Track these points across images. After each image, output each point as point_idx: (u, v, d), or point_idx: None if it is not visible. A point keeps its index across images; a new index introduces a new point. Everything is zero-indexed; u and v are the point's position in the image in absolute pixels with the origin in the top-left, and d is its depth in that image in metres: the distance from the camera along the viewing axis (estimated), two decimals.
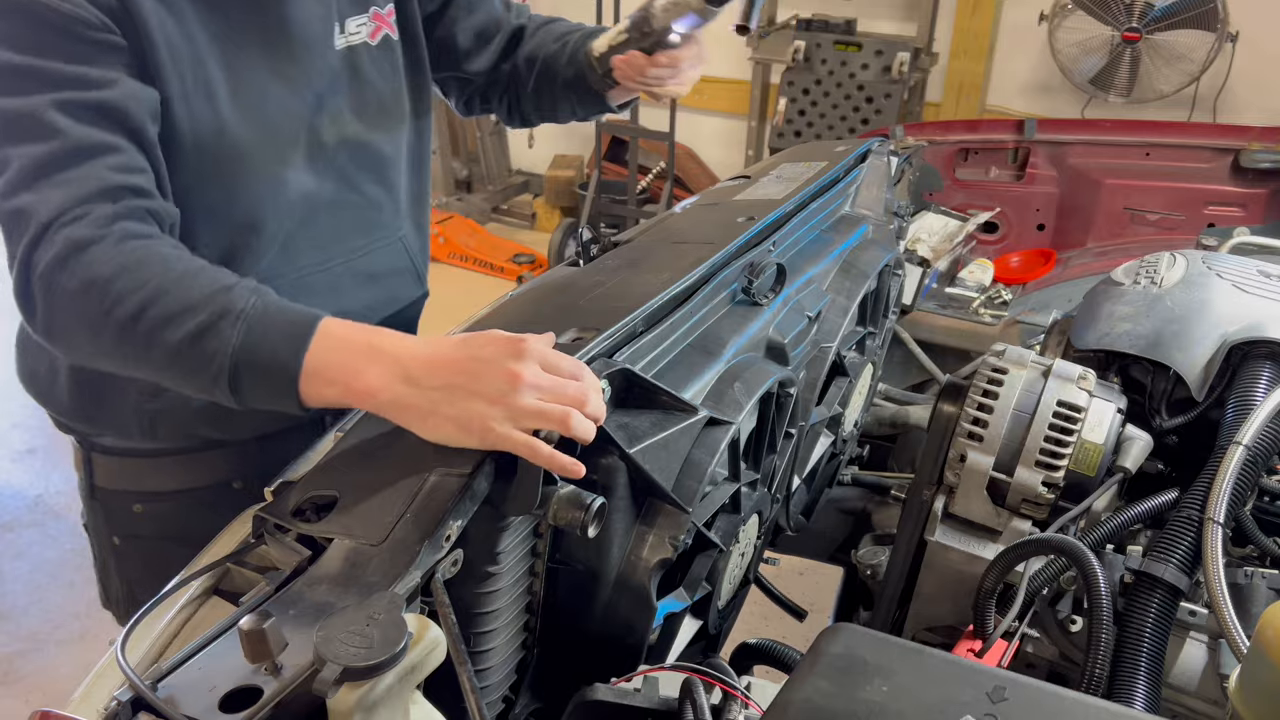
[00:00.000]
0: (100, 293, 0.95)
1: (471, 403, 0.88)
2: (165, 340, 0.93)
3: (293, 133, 1.23)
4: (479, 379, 0.89)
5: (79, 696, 0.80)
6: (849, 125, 4.30)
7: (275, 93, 1.19)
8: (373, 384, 0.90)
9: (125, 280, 0.95)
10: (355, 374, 0.91)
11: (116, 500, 1.38)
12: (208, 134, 1.12)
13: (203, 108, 1.12)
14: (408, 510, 0.85)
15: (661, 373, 1.13)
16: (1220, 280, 1.61)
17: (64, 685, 2.63)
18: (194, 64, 1.10)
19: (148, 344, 0.94)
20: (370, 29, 1.31)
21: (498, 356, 0.91)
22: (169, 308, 0.94)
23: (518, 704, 1.06)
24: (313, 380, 0.91)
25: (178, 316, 0.93)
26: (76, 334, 1.00)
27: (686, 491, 1.05)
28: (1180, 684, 1.23)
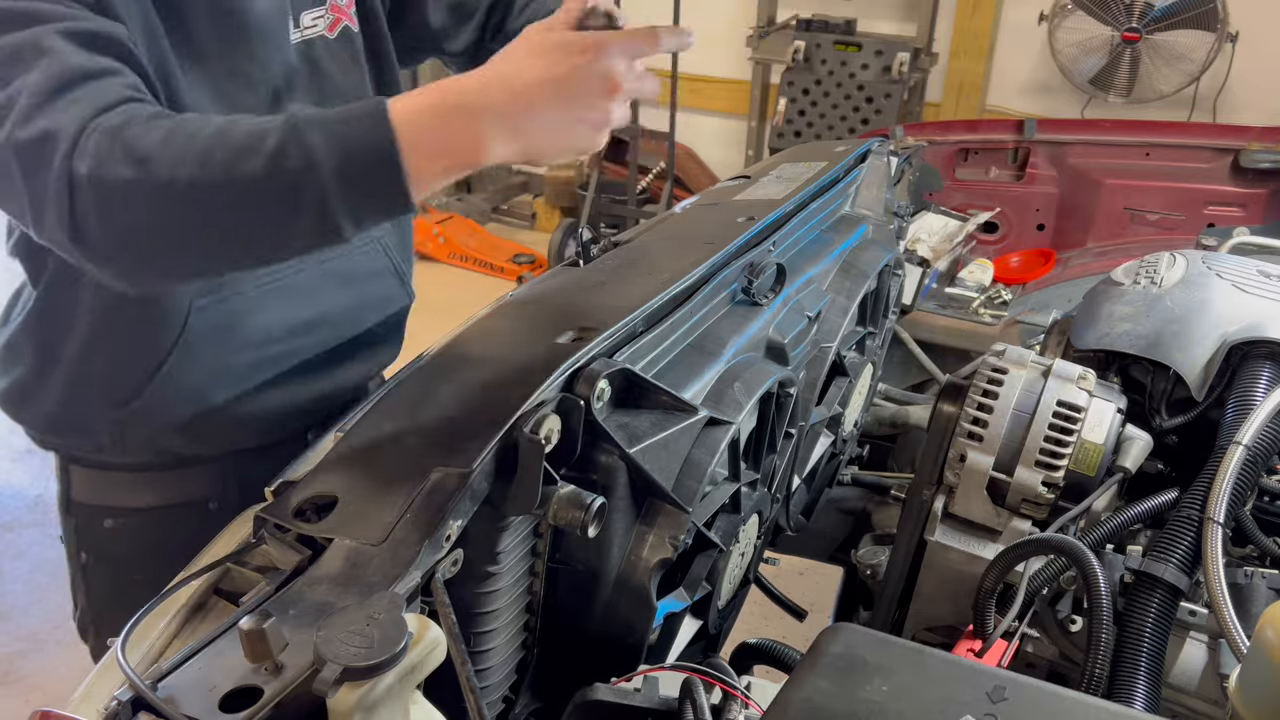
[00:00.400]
0: (156, 162, 0.86)
1: (586, 131, 0.91)
2: (245, 175, 0.85)
3: None
4: (583, 104, 0.90)
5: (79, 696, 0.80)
6: (849, 125, 4.30)
7: (230, 89, 1.14)
8: (484, 148, 0.88)
9: (176, 141, 0.87)
10: (461, 143, 0.88)
11: (88, 514, 1.33)
12: None
13: (164, 103, 1.05)
14: (408, 510, 0.85)
15: (661, 373, 1.13)
16: (1220, 280, 1.61)
17: (64, 685, 2.63)
18: (156, 52, 1.05)
19: (228, 190, 0.86)
20: (328, 21, 1.26)
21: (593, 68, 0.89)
22: (232, 144, 0.86)
23: (518, 704, 1.06)
24: (417, 159, 0.86)
25: (246, 149, 0.85)
26: (145, 224, 0.89)
27: (686, 491, 1.05)
28: (1180, 684, 1.23)
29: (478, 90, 0.88)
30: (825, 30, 4.33)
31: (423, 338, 1.47)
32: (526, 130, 0.89)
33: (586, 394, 0.96)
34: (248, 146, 0.86)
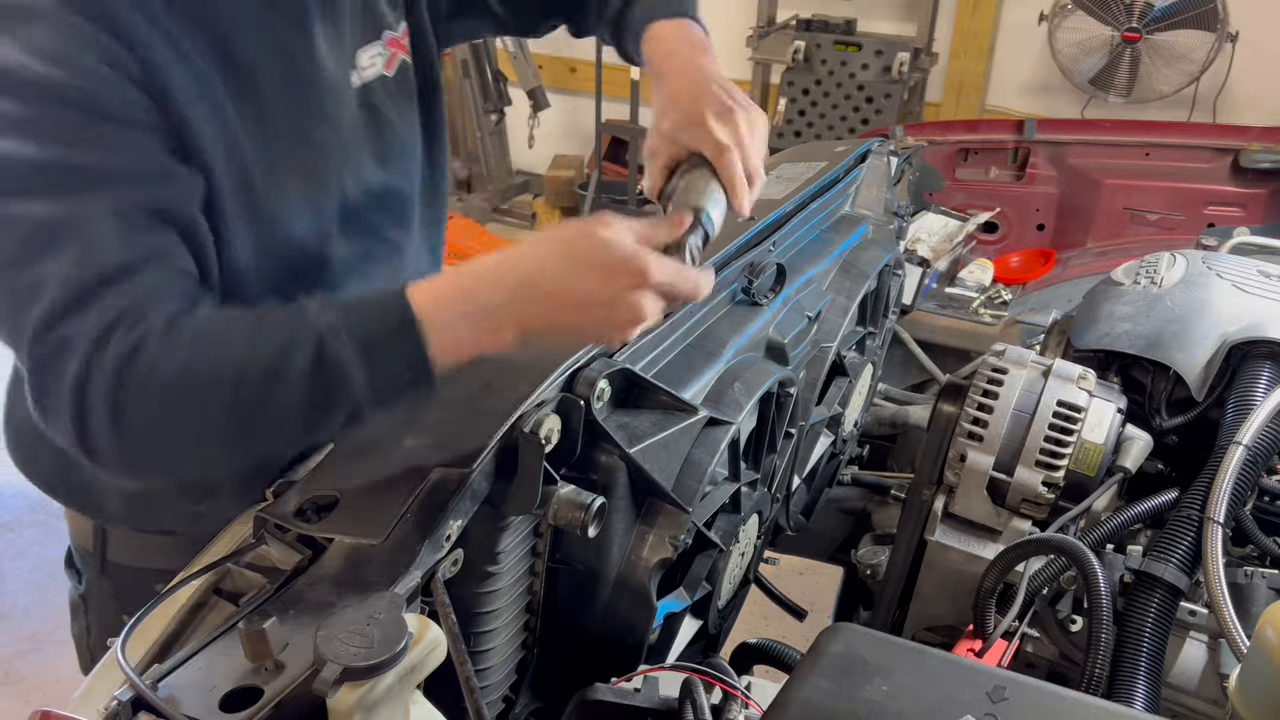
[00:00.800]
0: (182, 392, 0.83)
1: (604, 327, 0.88)
2: (277, 401, 0.84)
3: (327, 202, 1.08)
4: (610, 306, 0.87)
5: (79, 696, 0.80)
6: (849, 125, 4.30)
7: (306, 162, 1.05)
8: (504, 343, 0.87)
9: (199, 368, 0.83)
10: (481, 344, 0.87)
11: (135, 577, 1.20)
12: (246, 216, 0.99)
13: (241, 188, 0.98)
14: (408, 510, 0.85)
15: (661, 373, 1.13)
16: (1220, 280, 1.61)
17: (64, 685, 2.63)
18: (235, 155, 0.96)
19: (260, 413, 0.85)
20: (384, 59, 1.14)
21: (619, 263, 0.86)
22: (261, 366, 0.83)
23: (518, 704, 1.06)
24: (442, 357, 0.86)
25: (275, 372, 0.83)
26: (169, 450, 0.88)
27: (686, 491, 1.05)
28: (1180, 684, 1.23)
29: (506, 302, 0.87)
30: (825, 30, 4.32)
31: None
32: (551, 331, 0.89)
33: (586, 394, 0.96)
34: (277, 369, 0.83)
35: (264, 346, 0.84)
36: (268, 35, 0.99)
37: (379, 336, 0.85)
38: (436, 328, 0.85)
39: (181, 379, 0.83)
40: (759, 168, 1.03)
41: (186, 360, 0.83)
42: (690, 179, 1.00)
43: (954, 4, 4.46)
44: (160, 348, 0.83)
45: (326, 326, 0.84)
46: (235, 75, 0.96)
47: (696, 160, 1.01)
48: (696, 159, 1.01)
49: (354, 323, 0.85)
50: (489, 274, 0.88)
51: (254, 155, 0.98)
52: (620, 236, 0.87)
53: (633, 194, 4.85)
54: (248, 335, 0.85)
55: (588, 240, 0.86)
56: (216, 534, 1.07)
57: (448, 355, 0.86)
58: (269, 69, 0.99)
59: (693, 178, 1.00)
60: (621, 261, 0.85)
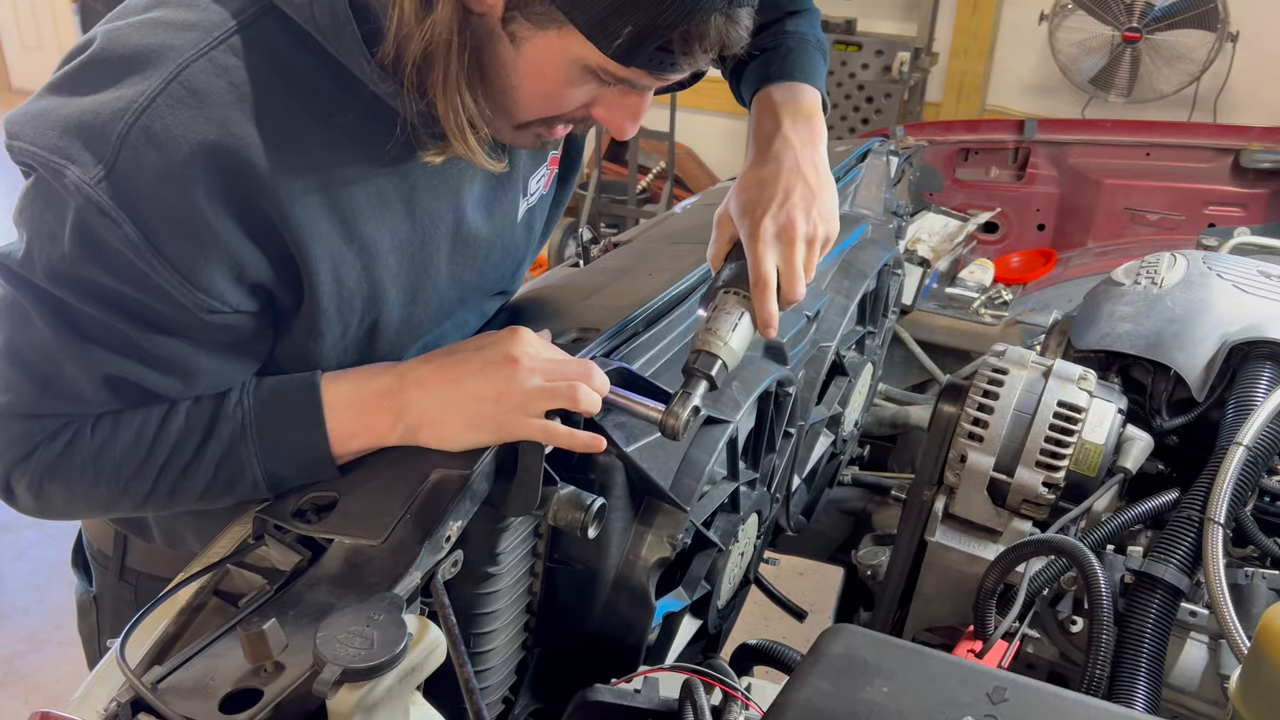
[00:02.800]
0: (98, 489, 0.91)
1: (480, 402, 0.89)
2: (188, 491, 0.91)
3: (447, 311, 1.08)
4: (481, 376, 0.90)
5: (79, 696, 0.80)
6: (849, 125, 4.30)
7: (444, 291, 1.04)
8: (386, 421, 0.91)
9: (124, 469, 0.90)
10: (369, 422, 0.91)
11: (154, 585, 1.18)
12: (353, 356, 0.99)
13: (359, 339, 0.98)
14: (408, 511, 0.85)
15: (660, 372, 1.13)
16: (1220, 280, 1.61)
17: (64, 685, 2.63)
18: (368, 303, 0.95)
19: (169, 500, 0.92)
20: (545, 178, 1.14)
21: (493, 350, 0.92)
22: (177, 465, 0.90)
23: (518, 704, 1.06)
24: (337, 445, 0.91)
25: (189, 469, 0.90)
26: (81, 517, 1.01)
27: (685, 490, 1.05)
28: (1181, 684, 1.23)
29: (393, 372, 0.94)
30: (825, 30, 4.32)
31: None
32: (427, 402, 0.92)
33: None
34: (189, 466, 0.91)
35: (183, 447, 0.90)
36: (447, 189, 0.98)
37: (285, 440, 0.91)
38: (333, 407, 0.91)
39: (108, 476, 0.90)
40: (799, 293, 1.04)
41: (116, 462, 0.90)
42: (720, 306, 1.03)
43: (954, 4, 4.46)
44: (91, 450, 0.90)
45: (239, 426, 0.90)
46: (414, 233, 0.97)
47: (740, 275, 1.04)
48: (742, 275, 1.03)
49: (264, 424, 0.90)
50: (389, 367, 0.94)
51: (395, 300, 0.98)
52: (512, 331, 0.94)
53: (632, 194, 4.84)
54: (174, 435, 0.90)
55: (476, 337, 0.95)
56: None
57: (349, 444, 0.91)
58: (444, 224, 0.99)
59: (722, 305, 1.03)
60: (495, 337, 0.93)
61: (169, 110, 0.79)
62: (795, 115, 1.12)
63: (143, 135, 0.79)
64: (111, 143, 0.79)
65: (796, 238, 1.03)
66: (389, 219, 0.94)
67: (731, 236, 1.08)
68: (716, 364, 1.00)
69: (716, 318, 1.02)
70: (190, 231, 0.81)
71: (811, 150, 1.10)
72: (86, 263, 0.82)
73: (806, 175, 1.07)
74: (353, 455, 0.92)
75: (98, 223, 0.80)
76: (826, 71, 1.21)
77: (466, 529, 0.87)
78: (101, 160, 0.79)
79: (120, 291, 0.83)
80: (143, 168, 0.79)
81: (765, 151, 1.10)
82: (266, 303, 0.91)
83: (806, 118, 1.13)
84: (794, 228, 1.03)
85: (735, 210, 1.06)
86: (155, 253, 0.81)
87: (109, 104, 0.80)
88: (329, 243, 0.89)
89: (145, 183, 0.79)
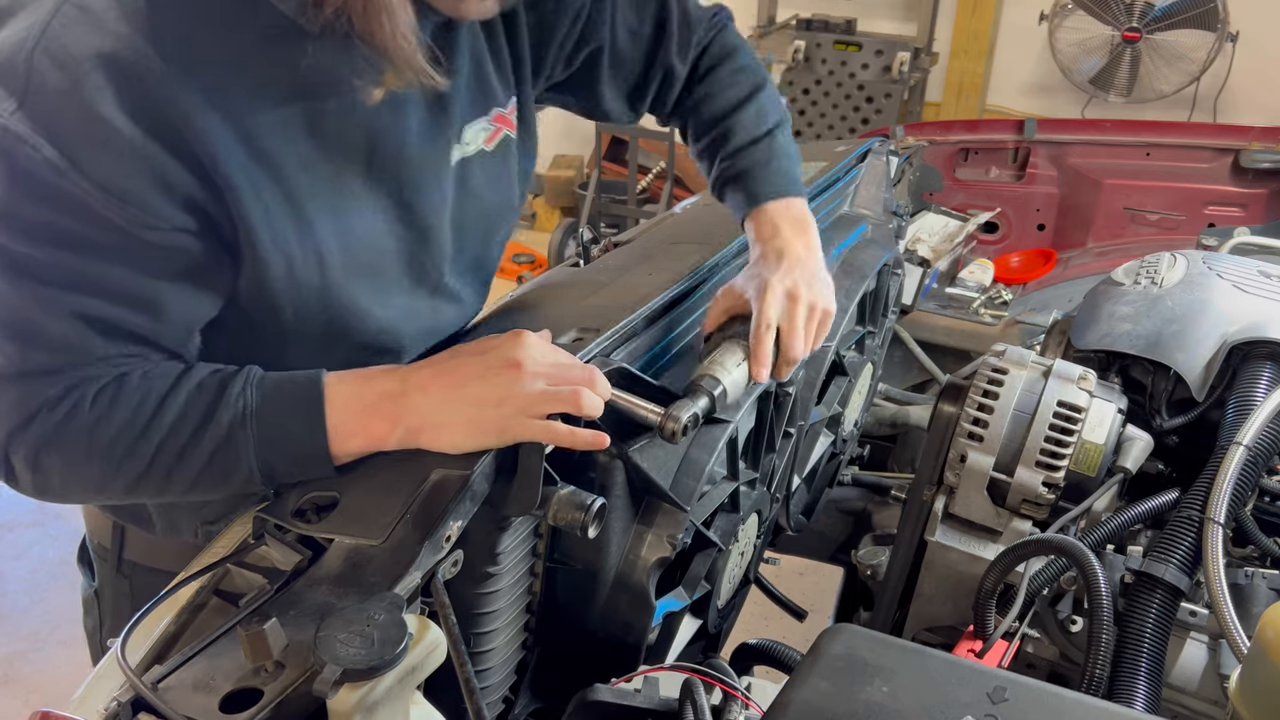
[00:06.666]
0: (93, 464, 0.90)
1: (482, 405, 0.89)
2: (183, 476, 0.91)
3: (400, 270, 1.06)
4: (484, 380, 0.91)
5: (79, 696, 0.80)
6: (849, 125, 4.30)
7: (384, 235, 1.02)
8: (387, 423, 0.91)
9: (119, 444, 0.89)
10: (370, 423, 0.91)
11: (151, 577, 1.21)
12: (313, 300, 0.98)
13: (310, 276, 0.96)
14: (408, 510, 0.85)
15: (660, 371, 1.13)
16: (1220, 280, 1.61)
17: (64, 685, 2.63)
18: (300, 232, 0.94)
19: (164, 484, 0.92)
20: (487, 134, 1.11)
21: (496, 353, 0.92)
22: (174, 446, 0.90)
23: (518, 704, 1.06)
24: (336, 443, 0.90)
25: (185, 451, 0.90)
26: (77, 497, 0.98)
27: (684, 490, 1.05)
28: (1180, 684, 1.23)
29: (397, 375, 0.94)
30: (825, 30, 4.32)
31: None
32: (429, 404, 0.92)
33: None
34: (185, 449, 0.90)
35: (181, 428, 0.90)
36: (362, 118, 0.96)
37: (284, 432, 0.90)
38: (334, 405, 0.91)
39: (103, 451, 0.89)
40: (797, 353, 1.12)
41: (111, 436, 0.89)
42: (725, 345, 1.10)
43: (954, 4, 4.47)
44: (88, 420, 0.89)
45: (239, 414, 0.90)
46: (323, 162, 0.95)
47: (741, 328, 1.11)
48: (742, 326, 1.11)
49: (265, 415, 0.90)
50: (392, 370, 0.95)
51: (330, 243, 0.97)
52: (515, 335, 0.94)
53: (632, 194, 4.84)
54: (172, 415, 0.90)
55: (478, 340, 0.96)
56: None
57: (348, 444, 0.91)
58: (357, 153, 0.97)
59: (727, 345, 1.10)
60: (498, 342, 0.94)
61: (64, 30, 0.80)
62: (794, 226, 1.19)
63: (45, 59, 0.79)
64: (19, 73, 0.79)
65: (800, 299, 1.12)
66: (292, 136, 0.92)
67: (728, 309, 1.14)
68: (719, 387, 1.05)
69: (720, 354, 1.08)
70: (106, 145, 0.81)
71: (811, 250, 1.19)
72: (19, 198, 0.82)
73: (809, 266, 1.16)
74: (351, 456, 0.92)
75: (20, 153, 0.80)
76: None
77: (466, 528, 0.87)
78: (13, 93, 0.79)
79: (58, 224, 0.83)
80: (50, 90, 0.80)
81: (770, 249, 1.17)
82: (208, 225, 0.89)
83: (804, 228, 1.21)
84: (799, 292, 1.12)
85: (740, 284, 1.14)
86: (79, 172, 0.81)
87: (9, 39, 0.81)
88: (239, 159, 0.87)
89: (55, 104, 0.80)
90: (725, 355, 1.08)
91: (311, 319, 0.99)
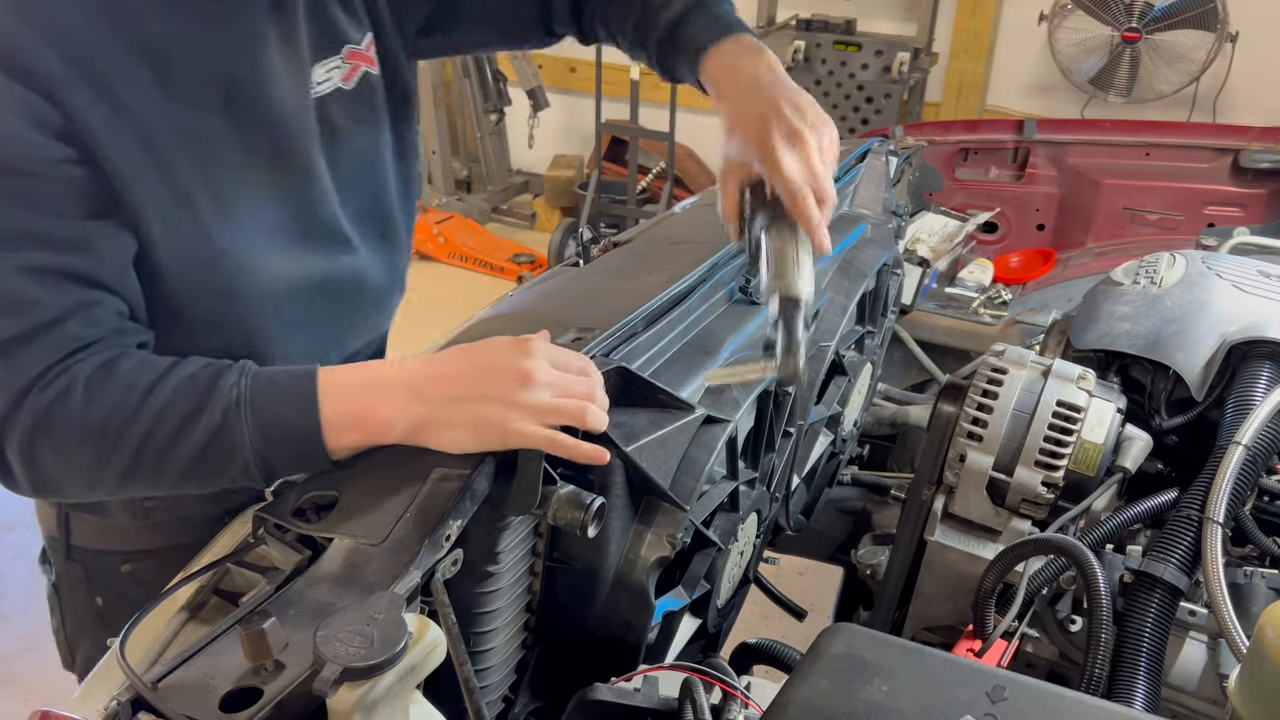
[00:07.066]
0: (84, 450, 0.90)
1: (488, 407, 0.89)
2: (175, 465, 0.90)
3: (279, 218, 1.06)
4: (491, 382, 0.90)
5: (79, 696, 0.80)
6: (849, 125, 4.30)
7: (255, 181, 1.03)
8: (387, 417, 0.90)
9: (110, 427, 0.89)
10: (369, 415, 0.90)
11: (101, 561, 1.24)
12: (194, 251, 0.98)
13: (187, 226, 0.97)
14: (408, 510, 0.85)
15: (659, 371, 1.13)
16: (1220, 280, 1.61)
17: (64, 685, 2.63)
18: (164, 178, 0.95)
19: (157, 474, 0.91)
20: (343, 72, 1.11)
21: (505, 358, 0.92)
22: (165, 431, 0.89)
23: (517, 704, 1.06)
24: (332, 435, 0.90)
25: (178, 438, 0.89)
26: (72, 490, 0.97)
27: (684, 490, 1.05)
28: (1180, 684, 1.23)
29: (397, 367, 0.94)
30: (825, 30, 4.32)
31: (423, 338, 1.47)
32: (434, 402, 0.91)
33: None
34: (177, 437, 0.90)
35: (172, 414, 0.89)
36: (212, 64, 0.98)
37: (279, 421, 0.90)
38: (328, 396, 0.90)
39: (94, 435, 0.89)
40: (830, 192, 1.07)
41: (102, 419, 0.89)
42: (773, 251, 1.05)
43: (954, 4, 4.46)
44: (79, 403, 0.89)
45: (236, 396, 0.90)
46: (174, 106, 0.95)
47: (774, 210, 1.06)
48: (775, 209, 1.06)
49: (259, 404, 0.90)
50: (393, 363, 0.95)
51: (198, 188, 0.97)
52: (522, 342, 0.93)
53: (632, 194, 4.84)
54: (154, 399, 0.90)
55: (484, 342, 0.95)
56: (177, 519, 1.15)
57: (344, 438, 0.90)
58: (212, 98, 0.99)
59: (774, 248, 1.05)
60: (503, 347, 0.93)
61: None
62: (753, 56, 1.13)
63: None
64: None
65: (807, 139, 1.05)
66: (143, 84, 0.93)
67: (740, 181, 1.09)
68: (801, 303, 1.03)
69: (776, 262, 1.04)
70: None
71: (777, 73, 1.12)
72: None
73: (784, 93, 1.08)
74: (348, 450, 0.91)
75: None
76: None
77: (466, 528, 0.87)
78: None
79: None
80: None
81: (736, 89, 1.11)
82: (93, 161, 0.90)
83: (759, 52, 1.14)
84: (800, 133, 1.05)
85: (736, 151, 1.08)
86: None
87: None
88: (95, 108, 0.89)
89: None
90: (781, 263, 1.03)
91: (197, 279, 0.99)
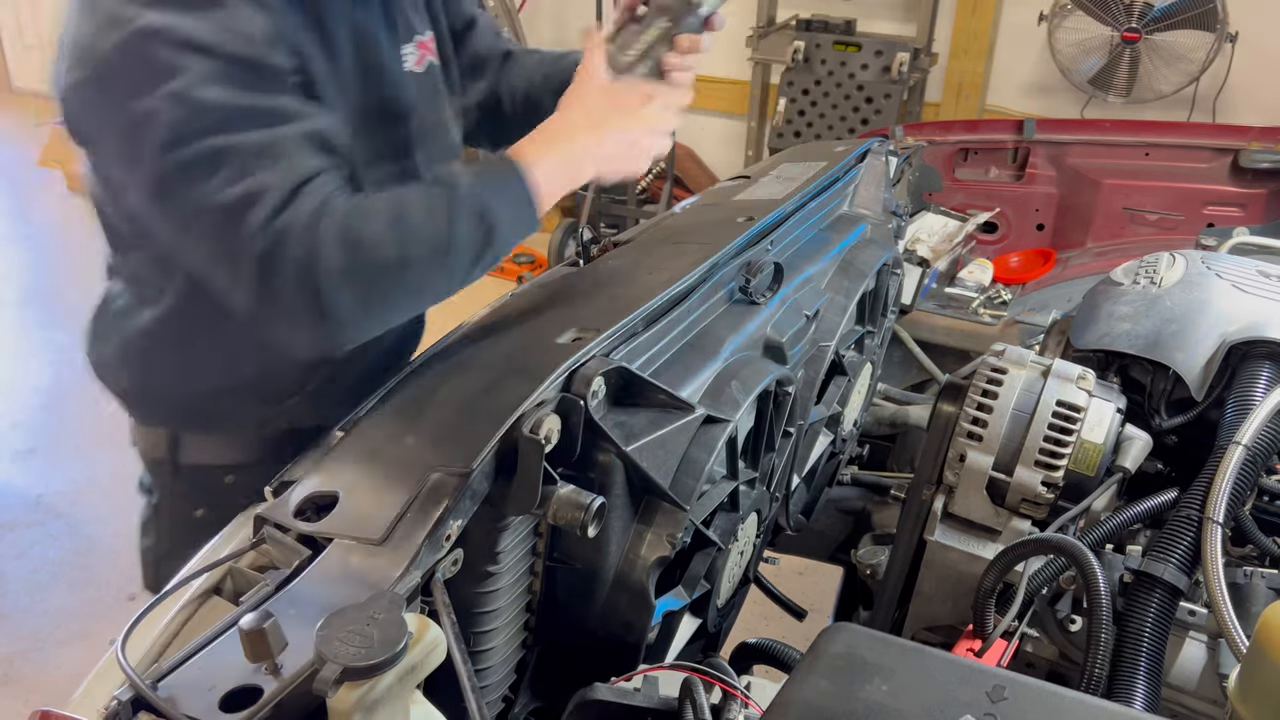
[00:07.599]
0: (395, 247, 1.04)
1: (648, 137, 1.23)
2: (459, 240, 1.08)
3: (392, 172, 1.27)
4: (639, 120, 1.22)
5: (79, 696, 0.80)
6: (849, 125, 4.29)
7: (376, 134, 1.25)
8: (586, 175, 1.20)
9: (375, 227, 1.04)
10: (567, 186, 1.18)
11: (205, 474, 1.34)
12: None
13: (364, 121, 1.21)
14: (408, 510, 0.85)
15: (659, 371, 1.13)
16: (1219, 280, 1.61)
17: (64, 685, 2.63)
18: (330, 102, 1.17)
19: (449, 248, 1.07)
20: (415, 57, 1.32)
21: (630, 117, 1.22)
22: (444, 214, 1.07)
23: (517, 703, 1.06)
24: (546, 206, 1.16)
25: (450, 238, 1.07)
26: (382, 304, 1.07)
27: (684, 489, 1.05)
28: (1180, 684, 1.23)
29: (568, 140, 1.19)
30: (825, 30, 4.32)
31: (423, 337, 1.47)
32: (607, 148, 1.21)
33: (584, 392, 0.96)
34: (450, 236, 1.08)
35: (438, 215, 1.08)
36: (349, 25, 1.20)
37: (510, 201, 1.12)
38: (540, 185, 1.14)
39: (391, 240, 1.04)
40: None
41: (387, 226, 1.04)
42: None
43: (954, 4, 4.47)
44: (359, 219, 1.04)
45: (461, 190, 1.09)
46: (327, 54, 1.17)
47: None
48: None
49: (492, 192, 1.11)
50: (564, 131, 1.20)
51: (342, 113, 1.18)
52: None
53: (632, 194, 4.85)
54: (427, 208, 1.08)
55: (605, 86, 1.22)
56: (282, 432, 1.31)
57: (545, 202, 1.15)
58: (349, 54, 1.20)
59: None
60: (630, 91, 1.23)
61: None
62: None
63: None
64: None
65: None
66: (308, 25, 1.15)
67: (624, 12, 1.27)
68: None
69: None
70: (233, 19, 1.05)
71: None
72: None
73: None
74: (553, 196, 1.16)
75: None
76: None
77: (466, 528, 0.88)
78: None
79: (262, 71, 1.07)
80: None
81: None
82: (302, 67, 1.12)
83: None
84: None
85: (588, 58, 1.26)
86: None
87: None
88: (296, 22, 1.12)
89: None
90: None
91: None
